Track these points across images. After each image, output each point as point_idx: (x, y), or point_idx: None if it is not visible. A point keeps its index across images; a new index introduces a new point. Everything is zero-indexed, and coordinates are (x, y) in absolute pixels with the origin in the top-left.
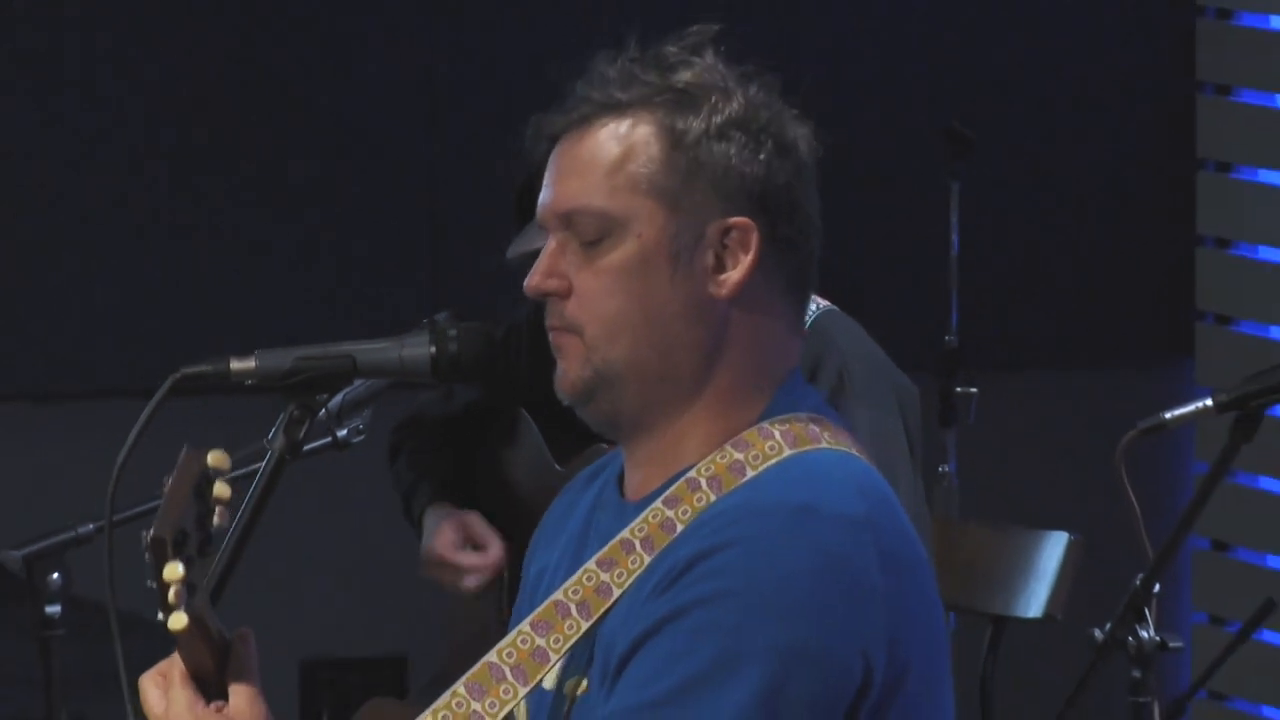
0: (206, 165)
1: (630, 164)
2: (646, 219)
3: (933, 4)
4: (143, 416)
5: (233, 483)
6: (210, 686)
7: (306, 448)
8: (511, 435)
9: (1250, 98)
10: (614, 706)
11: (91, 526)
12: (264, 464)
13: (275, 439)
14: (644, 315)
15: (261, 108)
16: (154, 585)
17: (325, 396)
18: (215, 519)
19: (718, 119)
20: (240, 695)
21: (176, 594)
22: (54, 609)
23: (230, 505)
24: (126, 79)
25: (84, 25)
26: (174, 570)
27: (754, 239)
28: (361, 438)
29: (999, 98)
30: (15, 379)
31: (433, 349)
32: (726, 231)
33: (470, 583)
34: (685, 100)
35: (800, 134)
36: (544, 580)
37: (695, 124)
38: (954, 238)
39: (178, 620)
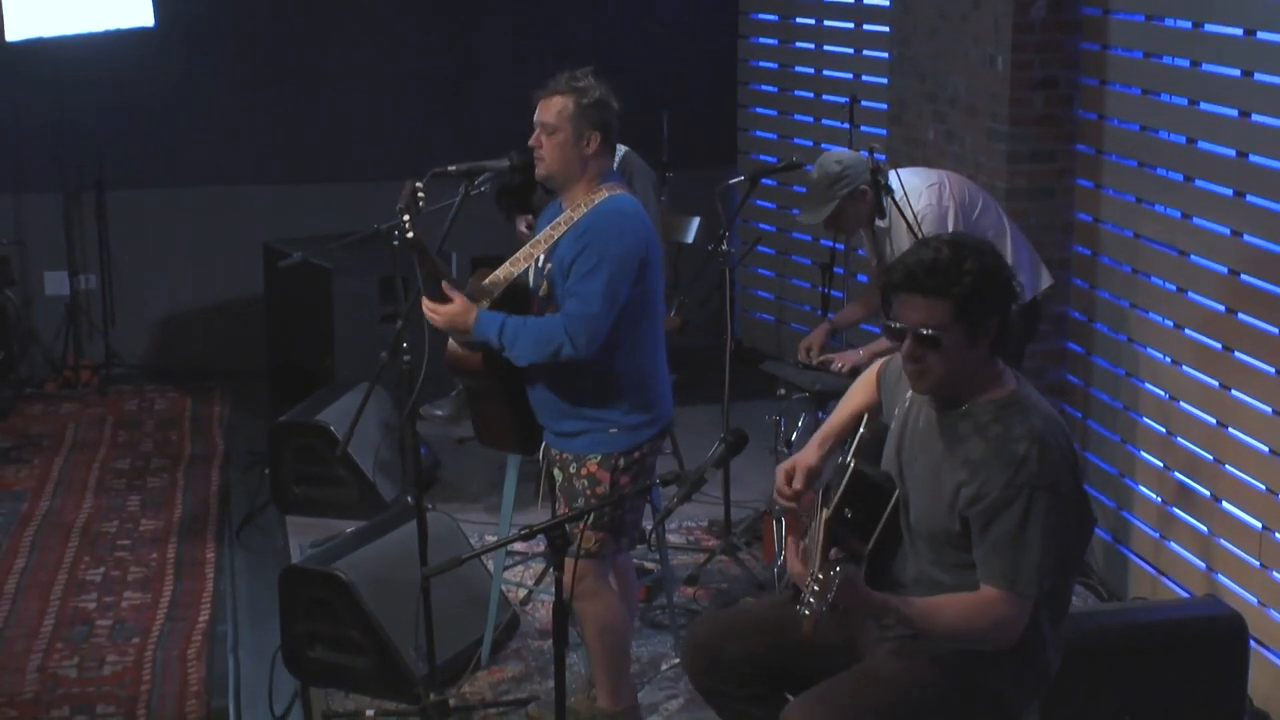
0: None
1: (561, 111)
2: (565, 127)
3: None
4: (404, 192)
5: (430, 213)
6: (436, 288)
7: (471, 193)
8: (532, 187)
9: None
10: (568, 285)
11: (397, 219)
12: (456, 199)
13: (460, 192)
14: (562, 157)
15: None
16: (403, 226)
17: (478, 178)
18: (420, 203)
19: (588, 95)
20: (457, 296)
21: (408, 229)
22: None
23: (427, 203)
24: None
25: None
26: (405, 221)
27: (597, 137)
28: (487, 190)
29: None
30: (339, 167)
31: (508, 162)
32: (591, 134)
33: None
34: (575, 90)
35: (609, 97)
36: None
37: (577, 98)
38: (664, 123)
39: (406, 238)
